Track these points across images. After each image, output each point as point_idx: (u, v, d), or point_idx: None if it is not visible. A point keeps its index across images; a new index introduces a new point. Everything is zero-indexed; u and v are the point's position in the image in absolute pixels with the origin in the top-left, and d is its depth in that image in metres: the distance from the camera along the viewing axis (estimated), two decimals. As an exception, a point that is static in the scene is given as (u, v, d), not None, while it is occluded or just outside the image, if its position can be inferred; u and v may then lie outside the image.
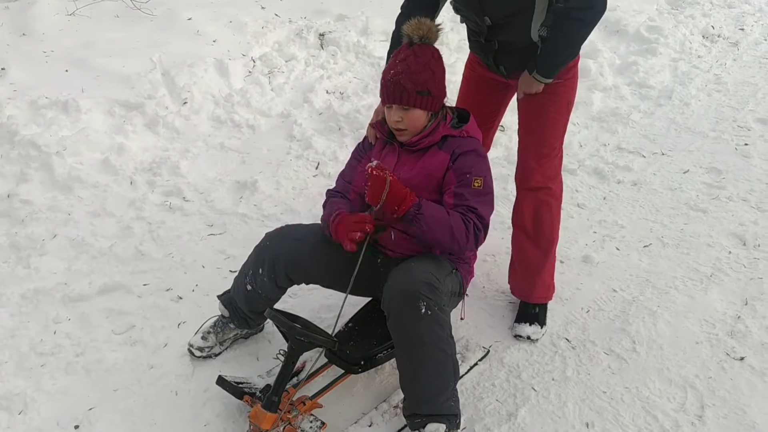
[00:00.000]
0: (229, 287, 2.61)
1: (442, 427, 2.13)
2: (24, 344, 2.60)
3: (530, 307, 2.80)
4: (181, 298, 2.91)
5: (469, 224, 2.17)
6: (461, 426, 2.25)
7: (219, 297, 2.57)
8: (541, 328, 2.76)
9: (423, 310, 2.04)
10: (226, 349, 2.60)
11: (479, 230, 2.20)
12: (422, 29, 2.20)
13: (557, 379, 2.54)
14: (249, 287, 2.39)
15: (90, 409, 2.35)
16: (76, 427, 2.27)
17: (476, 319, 2.84)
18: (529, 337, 2.72)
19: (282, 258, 2.31)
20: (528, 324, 2.75)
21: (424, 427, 2.13)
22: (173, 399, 2.41)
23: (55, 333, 2.67)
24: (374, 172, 2.12)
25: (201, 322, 2.63)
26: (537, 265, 2.76)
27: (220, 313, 2.58)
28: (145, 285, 2.96)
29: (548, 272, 2.81)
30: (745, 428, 2.32)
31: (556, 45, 2.37)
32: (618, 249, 3.34)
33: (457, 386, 2.47)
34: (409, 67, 2.17)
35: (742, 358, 2.63)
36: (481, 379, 2.55)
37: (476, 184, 2.20)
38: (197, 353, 2.53)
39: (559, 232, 2.84)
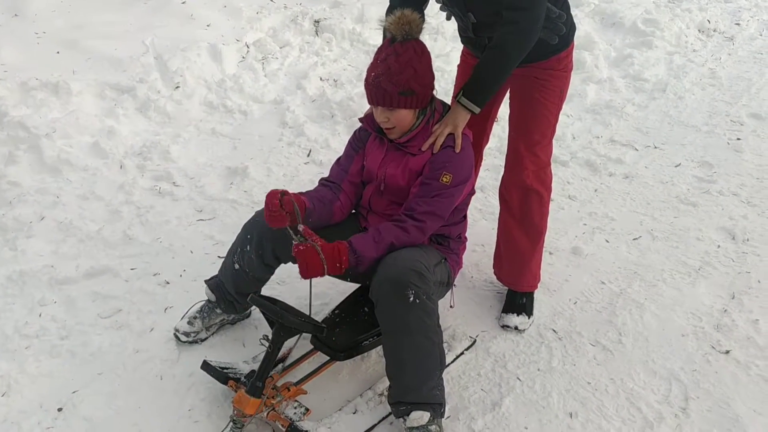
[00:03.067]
0: (217, 273, 2.59)
1: (426, 415, 2.13)
2: (9, 326, 2.59)
3: (518, 297, 2.80)
4: (168, 282, 2.90)
5: (405, 225, 2.16)
6: (446, 414, 2.25)
7: (206, 281, 2.57)
8: (529, 318, 2.76)
9: (411, 299, 2.04)
10: (212, 334, 2.59)
11: (421, 222, 2.17)
12: (404, 27, 2.13)
13: (543, 370, 2.55)
14: (237, 266, 2.38)
15: (74, 392, 2.34)
16: (60, 409, 2.27)
17: (464, 309, 2.84)
18: (516, 328, 2.73)
19: (269, 234, 2.29)
20: (515, 314, 2.75)
21: (408, 415, 2.13)
22: (158, 383, 2.40)
23: (40, 315, 2.66)
24: (301, 248, 2.05)
25: (188, 308, 2.62)
26: (525, 254, 2.76)
27: (206, 298, 2.57)
28: (132, 269, 2.95)
29: (536, 262, 2.81)
30: (729, 421, 2.33)
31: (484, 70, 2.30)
32: (607, 241, 3.34)
33: (443, 375, 2.48)
34: (390, 68, 2.12)
35: (727, 352, 2.64)
36: (467, 369, 2.55)
37: (444, 179, 2.19)
38: (183, 338, 2.53)
39: (549, 223, 2.83)
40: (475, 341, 2.67)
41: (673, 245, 3.30)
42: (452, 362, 2.55)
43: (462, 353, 2.60)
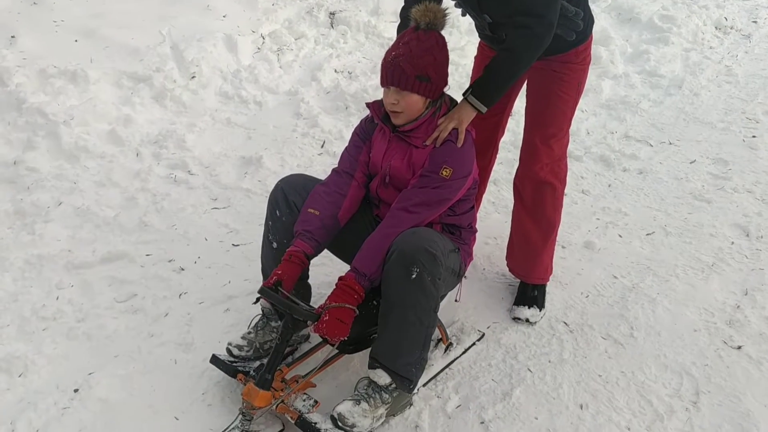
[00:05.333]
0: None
1: (387, 379, 2.15)
2: (26, 308, 2.63)
3: (529, 289, 2.81)
4: (183, 269, 2.93)
5: (399, 219, 2.16)
6: (415, 392, 2.27)
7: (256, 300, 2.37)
8: (540, 311, 2.77)
9: (414, 276, 2.04)
10: (264, 353, 2.42)
11: (415, 214, 2.17)
12: (429, 15, 2.17)
13: (553, 362, 2.55)
14: (274, 244, 2.34)
15: (90, 373, 2.37)
16: (76, 390, 2.30)
17: (475, 301, 2.85)
18: (527, 320, 2.73)
19: (292, 190, 2.32)
20: (527, 307, 2.76)
21: (373, 369, 2.16)
22: (172, 367, 2.43)
23: (57, 299, 2.70)
24: (323, 325, 2.05)
25: (202, 294, 2.64)
26: (537, 246, 2.77)
27: (261, 311, 2.47)
28: (147, 255, 2.99)
29: (548, 254, 2.82)
30: (739, 416, 2.33)
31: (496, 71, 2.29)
32: (620, 236, 3.34)
33: (453, 365, 2.50)
34: (411, 51, 2.14)
35: (739, 347, 2.63)
36: (478, 359, 2.56)
37: (444, 173, 2.19)
38: (235, 351, 2.38)
39: (562, 217, 2.83)
40: (483, 335, 2.66)
41: (686, 241, 3.30)
42: (461, 356, 2.54)
43: (472, 345, 2.60)
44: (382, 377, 2.16)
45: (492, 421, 2.28)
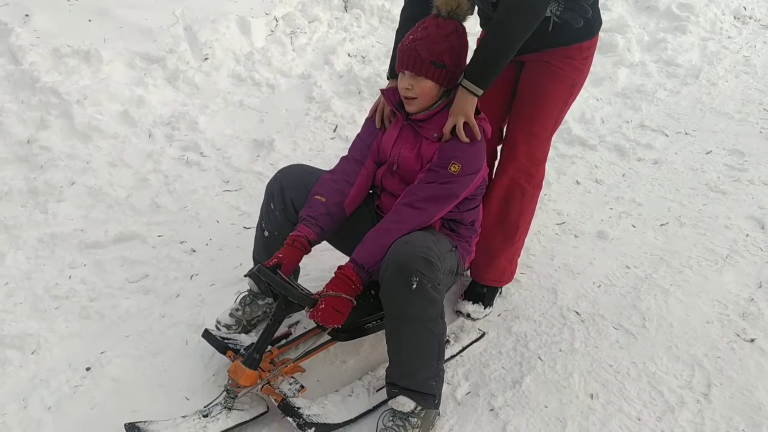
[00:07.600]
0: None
1: (411, 404, 2.09)
2: (39, 287, 2.65)
3: (479, 286, 2.71)
4: (194, 250, 2.93)
5: (402, 215, 2.12)
6: (439, 406, 2.19)
7: (246, 275, 2.43)
8: (485, 308, 2.68)
9: (414, 286, 1.98)
10: (253, 329, 2.48)
11: (421, 210, 2.12)
12: (452, 4, 2.14)
13: (564, 351, 2.54)
14: (266, 233, 2.34)
15: (102, 352, 2.39)
16: (88, 369, 2.32)
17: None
18: (469, 315, 2.65)
19: (290, 185, 2.28)
20: (471, 302, 2.68)
21: (395, 398, 2.11)
22: (183, 348, 2.44)
23: (70, 278, 2.71)
24: (319, 312, 2.01)
25: (214, 275, 2.64)
26: (494, 248, 2.65)
27: (248, 288, 2.51)
28: (159, 236, 2.99)
29: (506, 258, 2.69)
30: (751, 408, 2.31)
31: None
32: (634, 226, 3.31)
33: (459, 356, 2.48)
34: (429, 35, 2.11)
35: (752, 340, 2.61)
36: (489, 347, 2.55)
37: (453, 168, 2.14)
38: (224, 331, 2.42)
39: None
40: (484, 334, 2.61)
41: (700, 232, 3.27)
42: (458, 354, 2.50)
43: (469, 344, 2.54)
44: (406, 404, 2.09)
45: (502, 408, 2.28)
